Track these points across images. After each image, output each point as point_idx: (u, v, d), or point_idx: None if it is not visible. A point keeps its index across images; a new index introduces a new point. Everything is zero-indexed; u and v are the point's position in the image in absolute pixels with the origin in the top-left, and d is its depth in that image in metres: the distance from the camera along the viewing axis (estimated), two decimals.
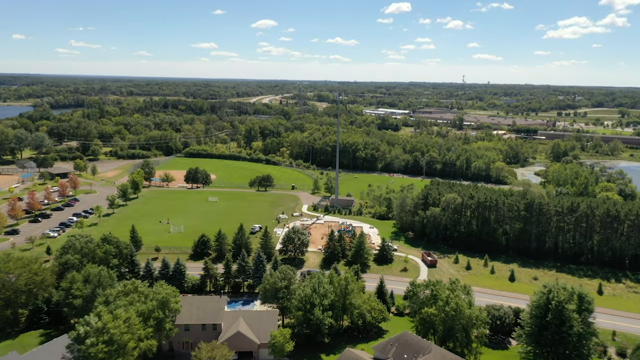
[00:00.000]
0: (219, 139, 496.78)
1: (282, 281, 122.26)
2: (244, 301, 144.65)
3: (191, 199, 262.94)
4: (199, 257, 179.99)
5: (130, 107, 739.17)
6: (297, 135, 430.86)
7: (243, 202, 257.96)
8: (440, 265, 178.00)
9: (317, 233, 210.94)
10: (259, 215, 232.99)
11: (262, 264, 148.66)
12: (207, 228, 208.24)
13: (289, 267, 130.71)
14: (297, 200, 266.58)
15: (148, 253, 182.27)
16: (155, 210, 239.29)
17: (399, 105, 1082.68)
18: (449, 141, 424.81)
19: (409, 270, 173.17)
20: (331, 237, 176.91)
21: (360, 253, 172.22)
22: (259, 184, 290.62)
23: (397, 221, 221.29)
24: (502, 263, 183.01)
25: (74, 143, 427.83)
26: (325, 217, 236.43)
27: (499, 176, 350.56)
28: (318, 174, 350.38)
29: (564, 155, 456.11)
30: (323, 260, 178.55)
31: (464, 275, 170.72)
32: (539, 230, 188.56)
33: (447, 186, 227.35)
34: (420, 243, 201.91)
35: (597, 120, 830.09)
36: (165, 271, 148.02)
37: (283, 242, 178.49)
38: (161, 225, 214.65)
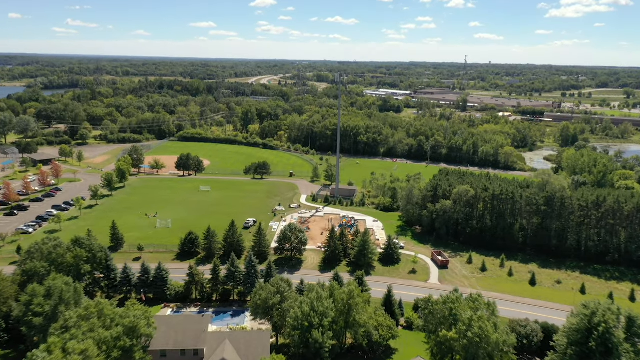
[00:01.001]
0: (214, 121, 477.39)
1: (274, 296, 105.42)
2: (234, 312, 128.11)
3: (181, 189, 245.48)
4: (187, 256, 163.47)
5: (125, 88, 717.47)
6: (295, 118, 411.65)
7: (237, 192, 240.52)
8: (452, 266, 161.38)
9: (316, 227, 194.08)
10: (254, 207, 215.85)
11: (255, 269, 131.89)
12: (197, 222, 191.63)
13: (283, 279, 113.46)
14: (295, 190, 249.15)
15: (130, 252, 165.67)
16: (142, 201, 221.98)
17: (400, 85, 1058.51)
18: (454, 124, 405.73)
19: (417, 272, 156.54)
20: (332, 236, 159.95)
21: (364, 253, 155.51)
22: (255, 171, 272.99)
23: (404, 214, 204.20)
24: (520, 263, 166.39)
25: (62, 127, 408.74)
26: (325, 208, 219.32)
27: (508, 162, 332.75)
28: (317, 160, 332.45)
29: (574, 138, 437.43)
30: (323, 261, 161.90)
31: (479, 277, 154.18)
32: (559, 226, 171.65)
33: (458, 176, 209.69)
34: (429, 239, 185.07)
35: (602, 101, 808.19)
36: (145, 277, 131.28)
37: (279, 241, 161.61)
38: (147, 219, 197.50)
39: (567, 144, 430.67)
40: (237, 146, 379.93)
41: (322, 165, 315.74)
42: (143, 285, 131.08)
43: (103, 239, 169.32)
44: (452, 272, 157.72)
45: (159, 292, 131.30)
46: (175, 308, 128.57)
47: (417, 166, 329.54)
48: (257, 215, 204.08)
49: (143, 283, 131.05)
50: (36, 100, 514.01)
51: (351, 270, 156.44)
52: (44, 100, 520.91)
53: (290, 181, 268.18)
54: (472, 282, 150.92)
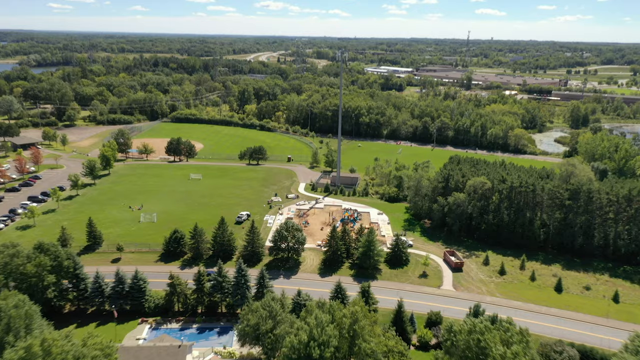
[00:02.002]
0: (210, 101, 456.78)
1: (266, 322, 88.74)
2: (221, 329, 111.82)
3: (170, 176, 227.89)
4: (172, 257, 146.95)
5: (118, 66, 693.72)
6: (294, 98, 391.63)
7: (230, 180, 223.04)
8: (467, 269, 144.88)
9: (316, 222, 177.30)
10: (248, 198, 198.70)
11: (245, 278, 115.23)
12: (184, 216, 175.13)
13: (275, 298, 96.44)
14: (292, 177, 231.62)
15: (109, 252, 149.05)
16: (127, 191, 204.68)
17: (402, 62, 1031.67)
18: (461, 105, 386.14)
19: (429, 276, 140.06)
20: (333, 235, 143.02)
21: (369, 255, 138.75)
22: (250, 156, 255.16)
23: (411, 206, 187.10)
24: (542, 264, 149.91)
25: (49, 107, 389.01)
26: (325, 199, 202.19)
27: (518, 145, 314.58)
28: (317, 143, 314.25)
29: (584, 119, 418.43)
30: (323, 263, 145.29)
31: (498, 283, 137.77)
32: (584, 221, 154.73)
33: (470, 165, 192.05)
34: (440, 235, 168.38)
35: (609, 78, 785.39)
36: (119, 288, 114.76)
37: (274, 240, 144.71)
38: (131, 212, 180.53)
39: (578, 125, 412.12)
40: (232, 127, 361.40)
41: (322, 148, 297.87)
42: (118, 297, 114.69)
43: (80, 236, 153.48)
44: (467, 275, 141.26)
45: (136, 304, 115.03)
46: (154, 324, 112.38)
47: (422, 149, 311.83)
48: (252, 208, 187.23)
49: (117, 294, 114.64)
50: (24, 78, 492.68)
51: (355, 273, 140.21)
52: (32, 78, 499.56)
53: (288, 167, 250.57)
54: (491, 288, 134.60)
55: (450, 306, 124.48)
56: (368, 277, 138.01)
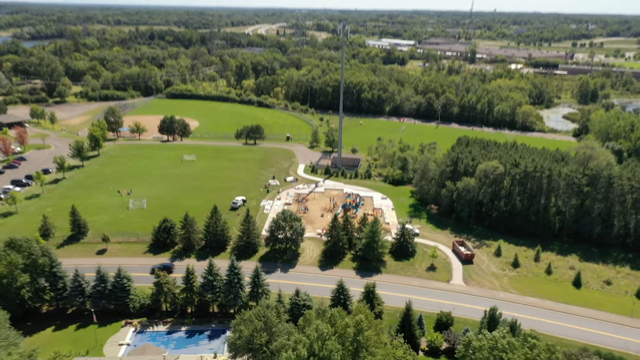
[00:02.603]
0: (206, 76, 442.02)
1: (261, 334, 78.83)
2: (212, 332, 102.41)
3: (163, 157, 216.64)
4: (161, 248, 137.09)
5: (113, 39, 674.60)
6: (293, 73, 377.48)
7: (226, 162, 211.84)
8: (478, 260, 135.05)
9: (315, 207, 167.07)
10: (244, 182, 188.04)
11: (238, 276, 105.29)
12: (176, 202, 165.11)
13: (270, 306, 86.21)
14: (291, 158, 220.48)
15: (94, 243, 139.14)
16: (117, 174, 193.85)
17: (404, 35, 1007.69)
18: (466, 80, 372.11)
19: (437, 269, 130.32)
20: (334, 224, 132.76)
21: (373, 246, 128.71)
22: (247, 135, 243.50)
23: (417, 190, 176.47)
24: (557, 254, 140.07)
25: (39, 82, 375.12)
26: (325, 182, 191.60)
27: (526, 122, 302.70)
28: (317, 120, 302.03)
29: (593, 94, 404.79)
30: (323, 254, 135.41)
31: (512, 276, 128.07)
32: (603, 209, 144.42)
33: (480, 147, 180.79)
34: (448, 223, 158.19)
35: (616, 51, 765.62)
36: (101, 287, 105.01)
37: (270, 230, 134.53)
38: (119, 197, 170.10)
39: (586, 101, 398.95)
40: (229, 104, 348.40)
41: (322, 126, 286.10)
42: (100, 296, 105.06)
43: (65, 224, 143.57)
44: (478, 268, 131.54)
45: (120, 304, 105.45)
46: (139, 326, 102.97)
47: (426, 127, 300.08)
48: (248, 192, 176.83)
49: (99, 294, 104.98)
50: (15, 52, 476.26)
51: (357, 266, 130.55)
52: (23, 52, 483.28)
53: (286, 147, 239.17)
54: (504, 282, 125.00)
55: (461, 303, 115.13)
56: (372, 271, 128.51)
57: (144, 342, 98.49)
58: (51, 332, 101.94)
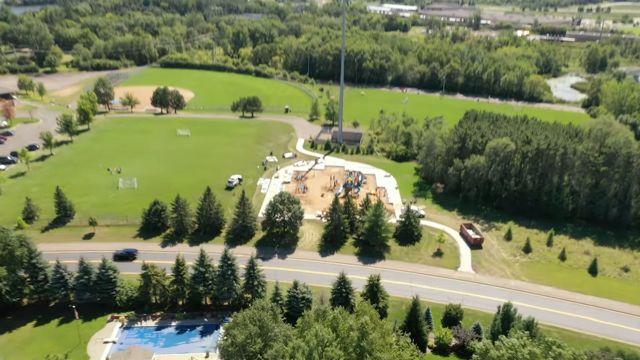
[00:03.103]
0: (202, 44, 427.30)
1: (255, 341, 71.50)
2: (205, 327, 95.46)
3: (156, 132, 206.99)
4: (152, 232, 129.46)
5: (106, 4, 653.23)
6: (292, 41, 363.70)
7: (221, 137, 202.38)
8: (487, 245, 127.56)
9: (315, 186, 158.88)
10: (240, 158, 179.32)
11: (232, 268, 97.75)
12: (169, 181, 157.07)
13: (266, 307, 78.57)
14: (290, 132, 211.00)
15: (81, 226, 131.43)
16: (107, 150, 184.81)
17: (406, 0, 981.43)
18: (471, 49, 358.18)
19: (444, 255, 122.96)
20: (335, 207, 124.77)
21: (376, 230, 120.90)
22: (244, 108, 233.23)
23: (422, 168, 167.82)
24: (571, 238, 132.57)
25: (28, 51, 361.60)
26: (326, 158, 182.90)
27: (534, 92, 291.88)
28: (317, 91, 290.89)
29: (602, 62, 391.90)
30: (324, 238, 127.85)
31: (523, 263, 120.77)
32: (620, 189, 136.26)
33: (489, 121, 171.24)
34: (455, 203, 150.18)
35: (624, 17, 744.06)
36: (85, 279, 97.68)
37: (267, 213, 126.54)
38: (109, 175, 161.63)
39: (595, 69, 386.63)
40: (226, 74, 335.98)
41: (322, 97, 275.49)
42: (84, 288, 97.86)
43: (51, 206, 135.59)
44: (487, 253, 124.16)
45: (105, 297, 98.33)
46: (126, 321, 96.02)
47: (430, 98, 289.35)
48: (244, 170, 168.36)
49: (83, 287, 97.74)
50: (4, 19, 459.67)
51: (360, 252, 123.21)
52: (13, 19, 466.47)
53: (285, 120, 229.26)
54: (515, 270, 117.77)
55: (470, 293, 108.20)
56: (375, 256, 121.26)
57: (131, 339, 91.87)
58: (32, 328, 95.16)
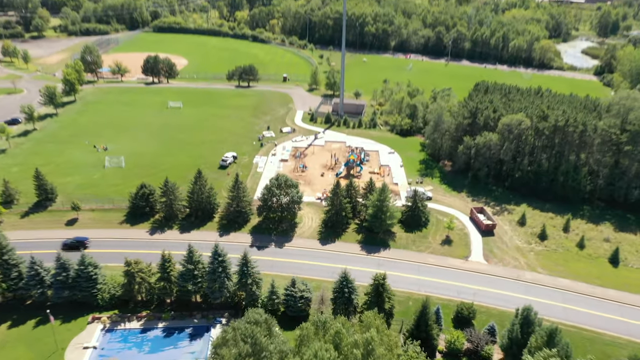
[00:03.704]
0: (197, 6, 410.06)
1: None
2: (194, 330, 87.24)
3: (146, 104, 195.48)
4: (140, 218, 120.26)
5: None
6: (290, 4, 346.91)
7: (215, 109, 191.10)
8: (500, 231, 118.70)
9: (315, 164, 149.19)
10: (236, 133, 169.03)
11: (223, 265, 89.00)
12: (159, 159, 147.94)
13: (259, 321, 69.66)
14: (288, 104, 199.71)
15: (64, 211, 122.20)
16: (94, 124, 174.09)
17: None
18: (479, 12, 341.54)
19: (454, 243, 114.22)
20: (336, 191, 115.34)
21: (380, 217, 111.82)
22: (240, 77, 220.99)
23: (428, 144, 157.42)
24: (588, 222, 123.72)
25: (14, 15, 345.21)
26: (326, 133, 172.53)
27: (544, 58, 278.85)
28: (317, 58, 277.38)
29: (614, 25, 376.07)
30: (324, 224, 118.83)
31: (539, 251, 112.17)
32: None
33: (502, 94, 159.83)
34: (464, 184, 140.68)
35: None
36: (63, 276, 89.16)
37: (263, 198, 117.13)
38: (95, 153, 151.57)
39: (606, 33, 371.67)
40: (221, 38, 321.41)
41: (322, 64, 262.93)
42: (62, 286, 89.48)
43: (31, 188, 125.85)
44: (500, 240, 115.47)
45: (86, 295, 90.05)
46: (109, 322, 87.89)
47: (434, 65, 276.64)
48: (239, 146, 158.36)
49: (62, 284, 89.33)
50: None
51: (363, 239, 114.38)
52: None
53: (283, 90, 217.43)
54: (530, 259, 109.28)
55: (482, 287, 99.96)
56: (379, 245, 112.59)
57: (114, 343, 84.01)
58: (5, 330, 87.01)
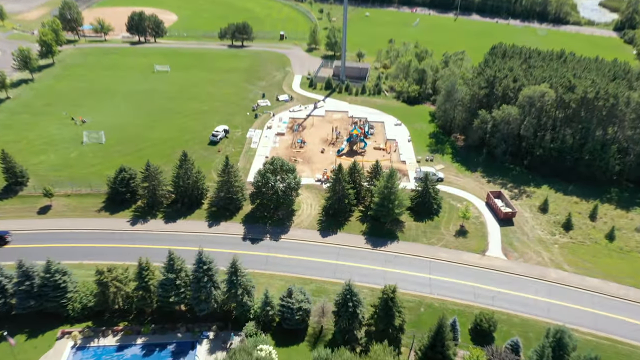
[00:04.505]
0: None
1: None
2: (177, 347, 76.62)
3: (130, 67, 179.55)
4: (120, 205, 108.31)
5: None
6: None
7: (205, 73, 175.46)
8: (520, 220, 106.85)
9: (314, 138, 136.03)
10: (228, 101, 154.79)
11: (208, 273, 77.55)
12: (143, 133, 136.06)
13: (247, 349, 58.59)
14: (285, 67, 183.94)
15: (36, 196, 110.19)
16: (72, 91, 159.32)
17: None
18: None
19: (469, 234, 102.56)
20: (338, 177, 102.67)
21: (387, 205, 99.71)
22: (233, 35, 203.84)
23: (439, 115, 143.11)
24: (617, 208, 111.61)
25: None
26: (326, 100, 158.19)
27: (560, 12, 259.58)
28: (316, 12, 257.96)
29: None
30: (324, 212, 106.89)
31: (563, 244, 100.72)
32: None
33: (521, 59, 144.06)
34: (478, 161, 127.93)
35: None
36: (27, 285, 78.02)
37: (257, 184, 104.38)
38: (73, 126, 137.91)
39: None
40: None
41: (322, 19, 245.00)
42: (26, 296, 78.53)
43: None
44: (520, 230, 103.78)
45: (55, 306, 79.22)
46: (80, 339, 77.32)
47: (442, 19, 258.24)
48: (232, 117, 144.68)
49: (26, 294, 78.32)
50: None
51: (368, 230, 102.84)
52: None
53: (280, 50, 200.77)
54: (555, 253, 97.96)
55: (502, 288, 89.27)
56: (386, 237, 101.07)
57: None
58: None
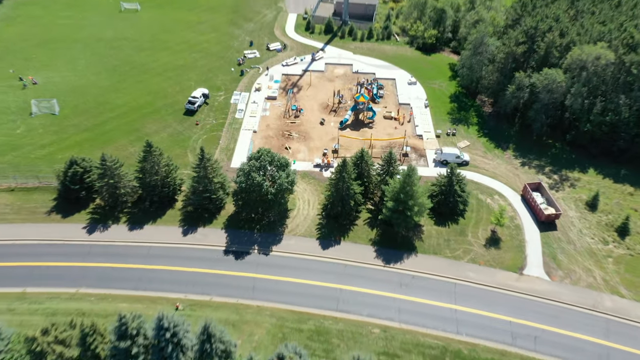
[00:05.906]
0: None
1: None
2: None
3: (92, 5, 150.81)
4: (74, 206, 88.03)
5: None
6: None
7: (183, 13, 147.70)
8: (565, 221, 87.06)
9: (312, 104, 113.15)
10: (209, 52, 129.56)
11: (172, 341, 58.68)
12: (106, 97, 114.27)
13: None
14: (278, 2, 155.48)
15: None
16: (22, 39, 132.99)
17: None
18: None
19: (502, 244, 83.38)
20: (342, 175, 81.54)
21: (405, 213, 79.41)
22: None
23: (463, 72, 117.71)
24: None
25: None
26: (326, 49, 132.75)
27: None
28: None
29: None
30: (325, 213, 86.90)
31: (619, 257, 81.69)
32: None
33: (567, 2, 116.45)
34: (509, 135, 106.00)
35: None
36: None
37: (240, 185, 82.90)
38: (21, 90, 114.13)
39: None
40: None
41: None
42: None
43: None
44: (565, 237, 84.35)
45: None
46: None
47: None
48: (213, 75, 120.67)
49: None
50: None
51: (378, 238, 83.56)
52: None
53: None
54: (609, 272, 79.26)
55: (545, 325, 71.68)
56: (400, 247, 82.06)
57: None
58: None
